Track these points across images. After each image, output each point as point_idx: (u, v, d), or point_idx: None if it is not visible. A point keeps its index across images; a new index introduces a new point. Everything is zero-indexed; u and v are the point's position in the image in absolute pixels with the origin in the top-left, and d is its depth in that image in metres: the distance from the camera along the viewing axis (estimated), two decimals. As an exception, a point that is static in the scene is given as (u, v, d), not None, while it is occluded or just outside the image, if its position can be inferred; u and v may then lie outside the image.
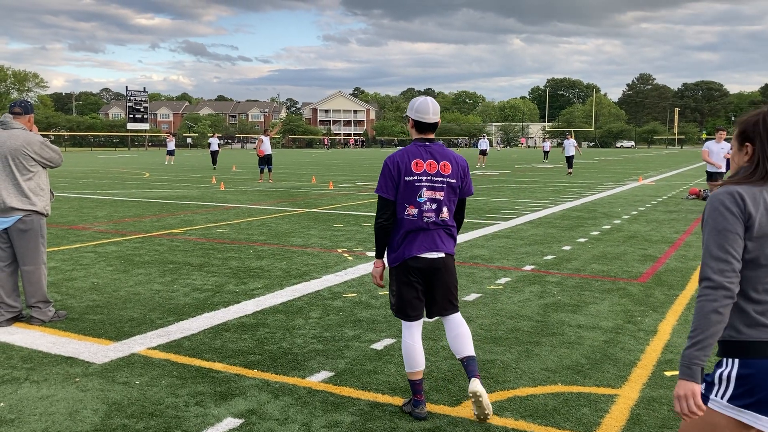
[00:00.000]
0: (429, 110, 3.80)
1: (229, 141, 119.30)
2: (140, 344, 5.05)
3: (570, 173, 28.64)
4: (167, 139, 40.78)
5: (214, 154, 33.68)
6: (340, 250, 9.22)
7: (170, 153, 39.55)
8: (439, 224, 3.79)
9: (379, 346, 5.03)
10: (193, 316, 5.82)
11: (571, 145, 28.61)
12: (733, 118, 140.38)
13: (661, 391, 4.14)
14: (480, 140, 40.01)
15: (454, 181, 3.79)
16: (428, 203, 3.74)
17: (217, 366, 4.58)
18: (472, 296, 6.61)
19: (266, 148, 23.90)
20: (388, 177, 3.77)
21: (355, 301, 6.41)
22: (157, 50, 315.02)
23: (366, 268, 8.00)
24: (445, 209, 3.79)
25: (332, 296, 6.59)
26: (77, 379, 4.32)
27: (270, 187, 21.06)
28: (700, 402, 2.09)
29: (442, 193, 3.77)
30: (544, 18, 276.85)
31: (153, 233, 10.82)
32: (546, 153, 47.47)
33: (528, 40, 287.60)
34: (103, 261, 8.41)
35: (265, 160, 23.86)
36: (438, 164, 3.77)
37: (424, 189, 3.74)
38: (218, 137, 34.99)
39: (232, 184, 22.37)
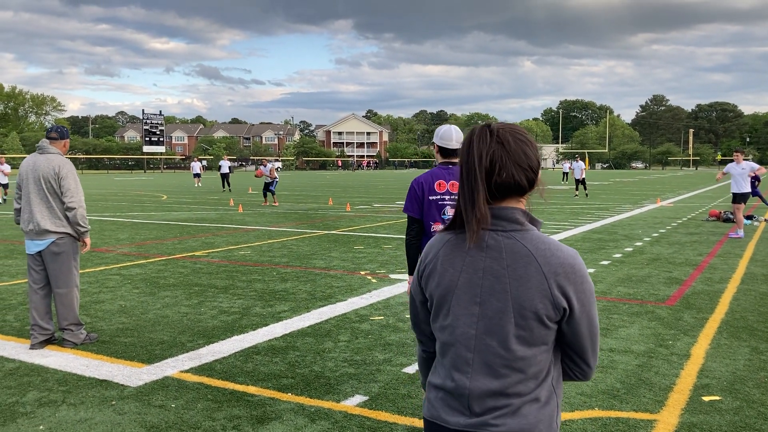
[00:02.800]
0: (452, 137, 4.04)
1: (244, 163, 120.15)
2: (173, 367, 5.07)
3: (576, 195, 28.46)
4: (194, 161, 41.79)
5: (224, 176, 33.84)
6: (363, 273, 9.23)
7: (197, 176, 40.05)
8: None
9: (411, 370, 5.01)
10: (222, 339, 5.83)
11: (578, 168, 28.32)
12: (747, 139, 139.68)
13: (701, 417, 4.09)
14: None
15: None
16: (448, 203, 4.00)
17: (251, 389, 4.58)
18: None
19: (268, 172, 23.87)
20: (413, 197, 4.05)
21: (383, 324, 6.40)
22: (171, 74, 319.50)
23: (390, 290, 8.00)
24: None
25: (359, 319, 6.59)
26: (113, 402, 4.34)
27: (288, 209, 21.14)
28: None
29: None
30: (555, 40, 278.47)
31: (176, 255, 10.89)
32: (565, 174, 47.46)
33: (539, 62, 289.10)
34: (129, 283, 8.47)
35: (265, 185, 24.04)
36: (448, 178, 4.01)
37: (448, 207, 3.99)
38: (229, 159, 35.22)
39: (250, 207, 22.49)
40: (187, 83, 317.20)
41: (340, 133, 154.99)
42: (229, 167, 34.49)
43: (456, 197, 3.55)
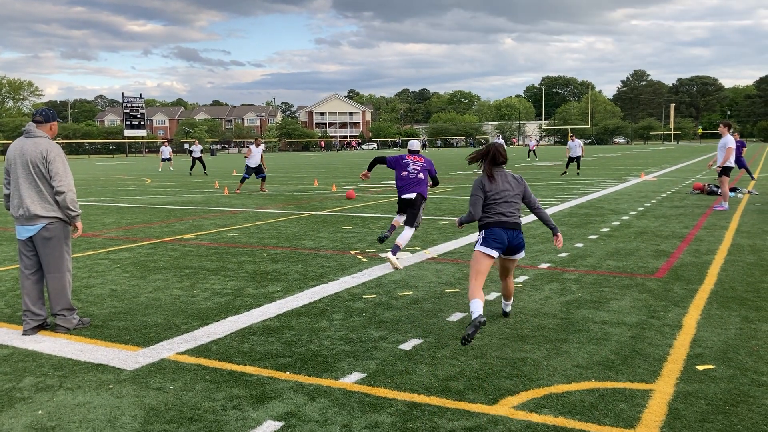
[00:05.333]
0: (416, 146, 9.09)
1: (226, 146, 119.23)
2: (168, 350, 5.05)
3: (564, 173, 27.61)
4: (164, 146, 40.23)
5: (195, 160, 32.83)
6: (353, 252, 9.23)
7: (167, 160, 38.85)
8: (415, 181, 8.71)
9: (407, 346, 5.03)
10: (217, 321, 5.81)
11: (577, 146, 27.03)
12: (728, 113, 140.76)
13: (696, 386, 4.15)
14: (495, 140, 39.12)
15: (421, 166, 8.76)
16: (413, 171, 8.71)
17: (249, 369, 4.58)
18: (493, 295, 6.62)
19: (253, 159, 21.47)
20: (394, 157, 8.94)
21: (376, 302, 6.42)
22: (149, 56, 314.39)
23: (381, 269, 8.01)
24: (419, 173, 8.69)
25: (352, 298, 6.60)
26: (111, 386, 4.32)
27: (273, 191, 21.04)
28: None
29: (419, 168, 8.71)
30: (535, 17, 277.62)
31: (164, 239, 10.81)
32: (531, 151, 47.60)
33: (520, 39, 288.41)
34: (119, 267, 8.41)
35: (254, 171, 21.37)
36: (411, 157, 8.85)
37: (410, 166, 8.75)
38: (199, 144, 34.41)
39: (235, 189, 22.34)
40: (166, 66, 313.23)
41: (322, 114, 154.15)
42: (201, 150, 33.82)
43: (413, 165, 8.73)
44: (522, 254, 5.50)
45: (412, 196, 8.56)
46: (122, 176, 33.65)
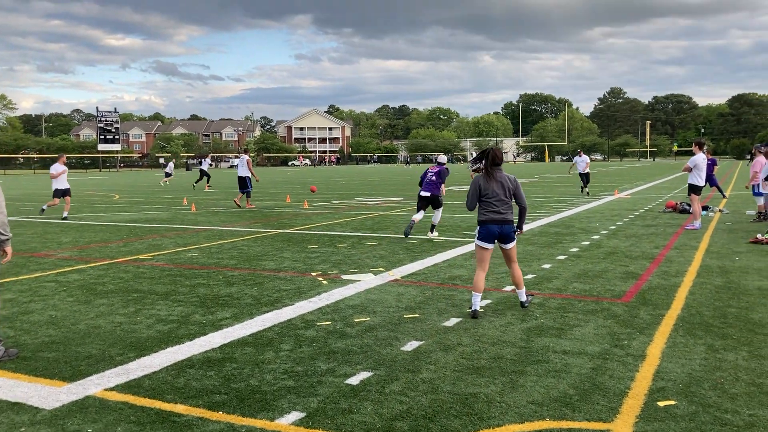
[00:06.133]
0: (442, 159, 12.78)
1: (202, 160, 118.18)
2: (96, 385, 4.67)
3: (586, 192, 25.17)
4: (171, 161, 42.57)
5: (203, 172, 34.53)
6: (314, 274, 8.89)
7: (168, 175, 39.58)
8: (431, 183, 12.36)
9: (354, 380, 4.70)
10: (155, 351, 5.44)
11: (583, 162, 25.21)
12: (702, 130, 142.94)
13: (655, 425, 3.88)
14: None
15: (435, 171, 12.38)
16: (429, 176, 12.42)
17: (179, 408, 4.22)
18: (452, 321, 6.32)
19: (240, 170, 21.28)
20: (424, 171, 12.82)
21: (330, 329, 6.09)
22: (128, 70, 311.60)
23: (341, 292, 7.69)
24: (434, 177, 12.29)
25: (305, 325, 6.26)
26: (22, 429, 3.93)
27: (242, 208, 20.62)
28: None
29: (434, 174, 12.31)
30: (513, 34, 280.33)
31: (119, 259, 10.39)
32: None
33: (498, 57, 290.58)
34: (64, 291, 7.98)
35: (240, 184, 20.94)
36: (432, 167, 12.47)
37: (428, 174, 12.38)
38: (208, 159, 36.09)
39: (204, 205, 21.91)
40: (145, 80, 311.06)
41: (301, 129, 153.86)
42: (209, 164, 35.22)
43: (431, 172, 12.50)
44: (512, 243, 6.63)
45: (428, 194, 12.36)
46: (91, 192, 32.98)
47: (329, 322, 6.34)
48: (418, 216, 12.38)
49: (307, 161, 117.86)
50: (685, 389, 4.44)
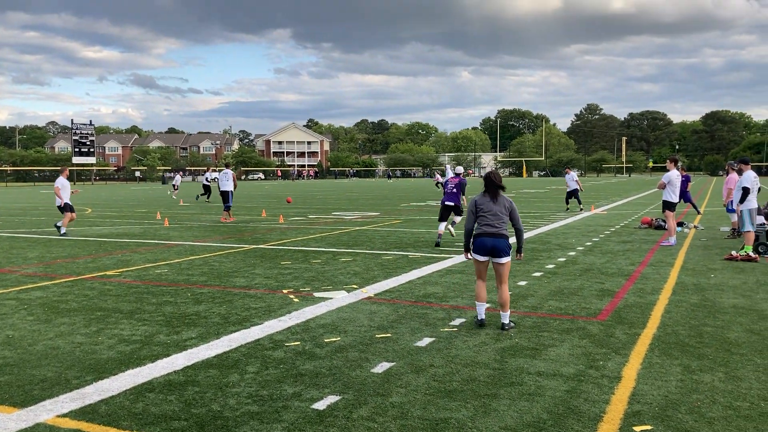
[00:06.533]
0: (458, 170, 14.74)
1: (180, 174, 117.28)
2: (49, 411, 4.43)
3: (579, 209, 24.67)
4: (178, 173, 43.21)
5: (176, 187, 35.25)
6: (285, 291, 8.69)
7: (175, 188, 39.84)
8: (452, 194, 13.81)
9: (321, 405, 4.52)
10: (114, 374, 5.20)
11: (571, 179, 24.77)
12: (677, 146, 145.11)
13: (631, 452, 3.74)
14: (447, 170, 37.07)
15: (455, 183, 13.77)
16: (449, 187, 13.87)
17: (134, 437, 4.00)
18: (425, 341, 6.16)
19: (222, 183, 20.96)
20: (446, 181, 14.31)
21: (298, 350, 5.89)
22: (105, 83, 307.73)
23: (312, 310, 7.49)
24: (454, 189, 13.75)
25: (273, 346, 6.06)
26: (-36, 461, 3.69)
27: (217, 222, 20.33)
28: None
29: (454, 186, 13.79)
30: (491, 51, 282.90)
31: (85, 275, 10.09)
32: (438, 184, 47.36)
33: (476, 73, 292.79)
34: (25, 309, 7.68)
35: (223, 198, 20.93)
36: (451, 178, 13.85)
37: (449, 185, 13.85)
38: (181, 174, 35.99)
39: (178, 220, 21.56)
40: (122, 92, 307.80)
41: (280, 143, 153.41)
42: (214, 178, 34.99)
43: (451, 183, 13.81)
44: (505, 258, 6.71)
45: (451, 203, 13.75)
46: (64, 205, 32.35)
47: (298, 343, 6.14)
48: (442, 227, 13.86)
49: (279, 174, 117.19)
50: (661, 413, 4.32)
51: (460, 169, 14.80)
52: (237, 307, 7.70)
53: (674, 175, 13.93)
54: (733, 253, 11.59)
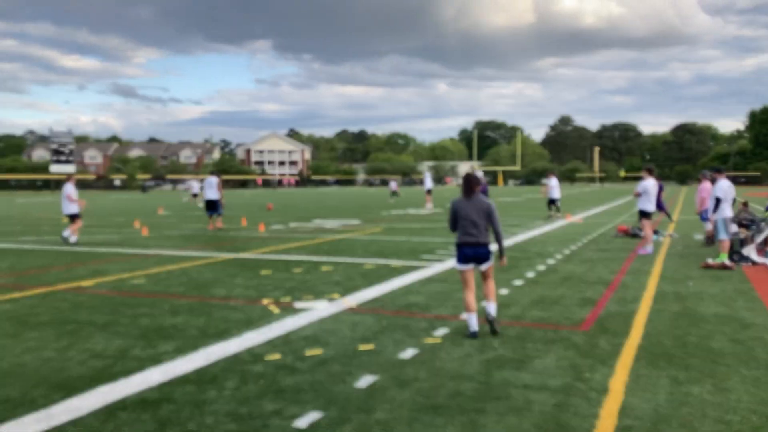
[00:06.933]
0: (479, 174, 8.88)
1: (159, 182, 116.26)
2: (15, 432, 4.22)
3: (549, 216, 24.88)
4: (194, 181, 44.24)
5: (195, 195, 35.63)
6: (265, 302, 8.50)
7: (195, 195, 40.89)
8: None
9: (302, 423, 4.36)
10: (85, 392, 4.99)
11: (553, 185, 24.92)
12: (648, 157, 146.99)
13: (623, 469, 3.63)
14: (425, 177, 36.94)
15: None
16: None
17: (106, 459, 3.81)
18: (409, 352, 6.03)
19: (208, 192, 20.85)
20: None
21: (279, 364, 5.72)
22: (84, 92, 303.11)
23: (293, 322, 7.32)
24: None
25: (253, 359, 5.88)
26: None
27: (196, 231, 20.04)
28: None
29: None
30: (467, 64, 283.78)
31: (58, 286, 9.81)
32: (393, 192, 47.60)
33: (453, 84, 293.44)
34: (-7, 323, 7.41)
35: (209, 206, 20.85)
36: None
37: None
38: (199, 180, 36.20)
39: (157, 229, 21.22)
40: (102, 101, 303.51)
41: (261, 152, 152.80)
42: (200, 188, 35.57)
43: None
44: (488, 263, 6.75)
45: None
46: (40, 215, 31.77)
47: (279, 356, 5.97)
48: None
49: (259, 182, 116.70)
50: (652, 428, 4.23)
51: (480, 173, 16.98)
52: (215, 319, 7.50)
53: (650, 185, 13.99)
54: (709, 261, 11.63)
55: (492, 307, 6.73)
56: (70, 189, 16.82)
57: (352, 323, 7.27)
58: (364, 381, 5.23)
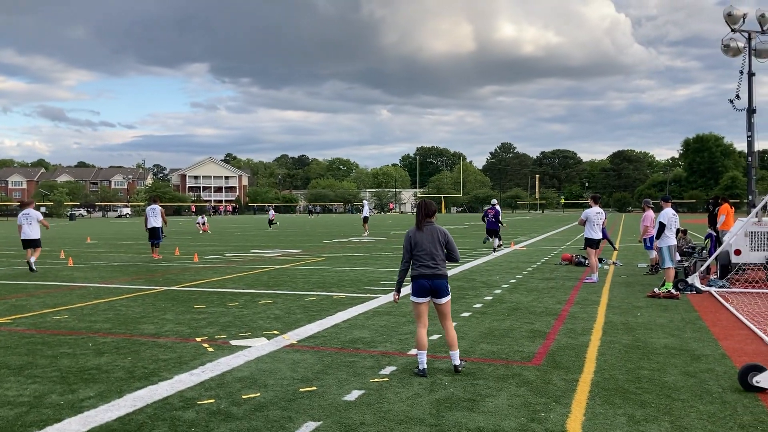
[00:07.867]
0: (493, 202, 23.42)
1: (90, 210, 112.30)
2: None
3: (497, 246, 22.55)
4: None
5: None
6: (198, 339, 7.97)
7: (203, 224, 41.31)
8: (490, 221, 22.32)
9: (238, 479, 3.92)
10: (-10, 449, 4.41)
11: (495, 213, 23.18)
12: (587, 184, 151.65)
13: None
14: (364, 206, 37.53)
15: (494, 213, 22.59)
16: (489, 216, 22.28)
17: None
18: (354, 394, 5.65)
19: (149, 220, 20.56)
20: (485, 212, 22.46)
21: (213, 410, 5.25)
22: (9, 114, 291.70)
23: (228, 361, 6.83)
24: (494, 219, 22.67)
25: (184, 405, 5.38)
26: None
27: (126, 262, 19.12)
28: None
29: (494, 216, 22.28)
30: (408, 90, 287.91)
31: (-30, 324, 8.99)
32: (270, 221, 47.80)
33: (395, 111, 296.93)
34: None
35: (151, 234, 20.50)
36: (489, 210, 21.60)
37: (488, 212, 23.07)
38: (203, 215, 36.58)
39: (84, 259, 20.17)
40: (28, 125, 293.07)
41: (196, 177, 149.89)
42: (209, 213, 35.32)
43: (491, 215, 21.99)
44: (446, 298, 6.49)
45: (493, 228, 20.16)
46: (-44, 243, 29.90)
47: (212, 400, 5.50)
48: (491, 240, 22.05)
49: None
50: (615, 474, 3.98)
51: (494, 201, 23.55)
52: (144, 359, 6.94)
53: (593, 213, 14.12)
54: (656, 290, 11.71)
55: (456, 357, 6.45)
56: (35, 215, 17.03)
57: (292, 362, 6.84)
58: (306, 428, 4.83)
